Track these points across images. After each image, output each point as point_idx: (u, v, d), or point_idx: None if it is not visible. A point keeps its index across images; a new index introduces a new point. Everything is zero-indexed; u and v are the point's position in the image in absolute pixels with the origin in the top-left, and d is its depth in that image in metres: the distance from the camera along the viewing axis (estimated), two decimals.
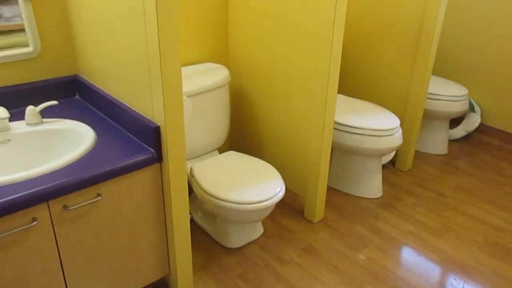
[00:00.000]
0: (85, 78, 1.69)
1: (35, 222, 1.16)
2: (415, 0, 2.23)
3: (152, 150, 1.35)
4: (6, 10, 1.55)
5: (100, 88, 1.60)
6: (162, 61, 1.20)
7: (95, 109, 1.64)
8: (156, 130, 1.31)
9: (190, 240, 1.53)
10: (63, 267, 1.28)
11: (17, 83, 1.60)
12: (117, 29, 1.35)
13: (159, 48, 1.19)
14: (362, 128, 2.06)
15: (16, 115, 1.54)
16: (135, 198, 1.37)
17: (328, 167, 1.98)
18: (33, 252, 1.19)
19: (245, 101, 2.25)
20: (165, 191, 1.41)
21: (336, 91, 1.84)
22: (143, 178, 1.36)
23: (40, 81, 1.65)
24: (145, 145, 1.37)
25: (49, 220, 1.19)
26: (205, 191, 1.72)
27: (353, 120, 2.10)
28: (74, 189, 1.20)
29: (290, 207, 2.16)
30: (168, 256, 1.55)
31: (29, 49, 1.59)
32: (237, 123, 2.35)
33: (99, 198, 1.27)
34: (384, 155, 2.17)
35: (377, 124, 2.06)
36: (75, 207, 1.22)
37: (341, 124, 2.11)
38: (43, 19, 1.59)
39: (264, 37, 2.00)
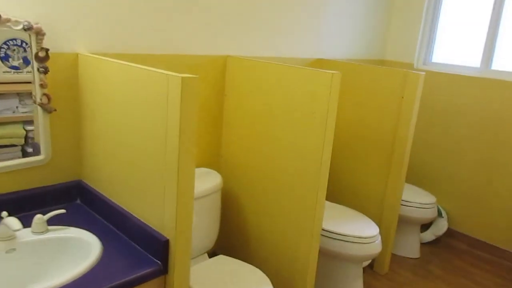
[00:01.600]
0: (88, 184, 1.77)
1: None
2: (388, 119, 2.52)
3: (159, 262, 1.40)
4: None
5: (105, 195, 1.67)
6: (180, 174, 1.31)
7: (97, 216, 1.69)
8: (166, 244, 1.38)
9: None
10: None
11: (22, 188, 1.66)
12: (132, 141, 1.47)
13: (178, 161, 1.30)
14: (344, 235, 2.19)
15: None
16: None
17: (315, 272, 2.06)
18: None
19: (235, 204, 2.36)
20: None
21: (324, 199, 1.99)
22: None
23: (44, 186, 1.71)
24: (151, 257, 1.43)
25: None
26: None
27: (335, 226, 2.23)
28: None
29: None
30: None
31: (41, 157, 1.67)
32: (226, 225, 2.43)
33: None
34: (364, 261, 2.28)
35: (358, 231, 2.20)
36: None
37: (324, 230, 2.23)
38: (57, 131, 1.70)
39: (256, 145, 2.18)
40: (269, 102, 2.08)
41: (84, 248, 1.46)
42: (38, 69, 1.58)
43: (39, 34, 1.55)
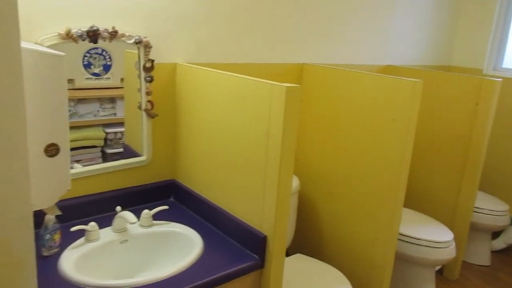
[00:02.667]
0: (183, 184, 1.92)
1: None
2: (461, 125, 2.53)
3: (256, 257, 1.52)
4: (81, 108, 1.81)
5: (200, 194, 1.81)
6: (281, 177, 1.42)
7: (192, 213, 1.84)
8: (264, 240, 1.50)
9: None
10: None
11: (126, 186, 1.83)
12: (231, 145, 1.60)
13: (280, 163, 1.41)
14: (420, 239, 2.22)
15: None
16: None
17: (390, 275, 2.12)
18: None
19: (311, 206, 2.45)
20: None
21: (402, 204, 2.04)
22: (246, 283, 1.52)
23: (144, 184, 1.88)
24: (248, 252, 1.55)
25: None
26: None
27: (411, 231, 2.27)
28: None
29: None
30: None
31: (143, 158, 1.84)
32: (301, 226, 2.52)
33: None
34: (438, 265, 2.31)
35: (434, 236, 2.23)
36: None
37: (400, 234, 2.27)
38: (157, 134, 1.86)
39: (333, 150, 2.26)
40: (345, 108, 2.16)
41: (186, 242, 1.61)
42: (145, 78, 1.75)
43: (147, 46, 1.72)
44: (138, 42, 1.69)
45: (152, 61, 1.74)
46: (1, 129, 0.88)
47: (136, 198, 1.85)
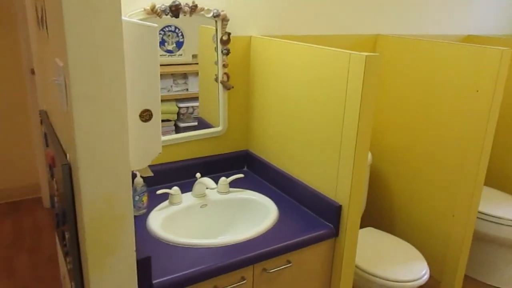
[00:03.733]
0: (256, 154, 1.98)
1: (244, 281, 1.38)
2: None
3: (331, 226, 1.54)
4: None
5: (273, 164, 1.86)
6: (357, 147, 1.42)
7: (265, 182, 1.90)
8: (338, 209, 1.52)
9: None
10: None
11: (203, 155, 1.93)
12: (306, 115, 1.62)
13: (357, 135, 1.41)
14: (501, 218, 2.12)
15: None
16: (313, 267, 1.55)
17: (468, 254, 2.05)
18: None
19: (383, 181, 2.42)
20: (336, 263, 1.59)
21: (483, 181, 1.95)
22: (320, 250, 1.55)
23: (220, 154, 1.96)
24: (323, 221, 1.58)
25: (251, 280, 1.41)
26: (356, 266, 1.87)
27: (491, 209, 2.17)
28: (272, 256, 1.42)
29: (424, 286, 2.22)
30: None
31: (219, 128, 1.92)
32: (372, 200, 2.50)
33: (290, 265, 1.47)
34: None
35: None
36: (272, 270, 1.43)
37: (480, 212, 2.18)
38: (232, 105, 1.93)
39: (408, 124, 2.20)
40: (422, 80, 2.08)
41: (262, 209, 1.67)
42: (222, 51, 1.81)
43: (224, 20, 1.76)
44: (216, 16, 1.74)
45: (229, 34, 1.79)
46: (106, 95, 0.97)
47: (212, 167, 1.93)
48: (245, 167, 2.04)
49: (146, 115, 1.11)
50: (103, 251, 1.07)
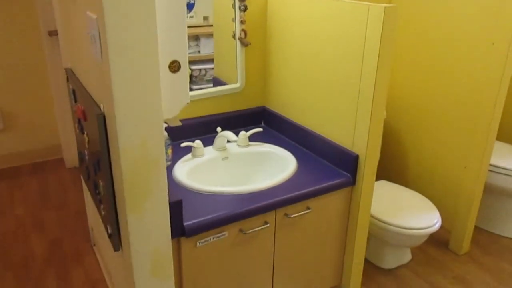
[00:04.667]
0: (273, 110, 2.03)
1: (267, 225, 1.47)
2: None
3: (348, 175, 1.61)
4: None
5: (290, 118, 1.92)
6: (374, 98, 1.47)
7: (283, 136, 1.96)
8: (356, 159, 1.58)
9: (364, 256, 1.76)
10: (274, 260, 1.57)
11: (224, 111, 1.98)
12: (326, 69, 1.66)
13: (374, 86, 1.46)
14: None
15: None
16: (330, 213, 1.64)
17: (478, 206, 2.12)
18: (260, 246, 1.50)
19: (396, 135, 2.47)
20: (353, 210, 1.67)
21: (496, 134, 1.99)
22: (338, 198, 1.63)
23: (238, 110, 2.02)
24: (340, 170, 1.65)
25: (274, 224, 1.50)
26: (371, 215, 1.95)
27: (503, 162, 2.22)
28: (293, 202, 1.50)
29: (434, 237, 2.31)
30: (343, 268, 1.79)
31: (237, 85, 1.97)
32: (385, 154, 2.56)
33: (309, 210, 1.55)
34: None
35: None
36: (293, 215, 1.51)
37: (492, 165, 2.23)
38: (249, 62, 1.96)
39: (421, 77, 2.23)
40: (436, 33, 2.09)
41: (281, 160, 1.74)
42: (239, 7, 1.83)
43: None
44: None
45: None
46: (139, 45, 1.02)
47: (231, 123, 2.00)
48: (262, 122, 2.10)
49: (174, 66, 1.17)
50: (139, 194, 1.16)
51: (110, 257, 1.78)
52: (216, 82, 1.95)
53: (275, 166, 1.75)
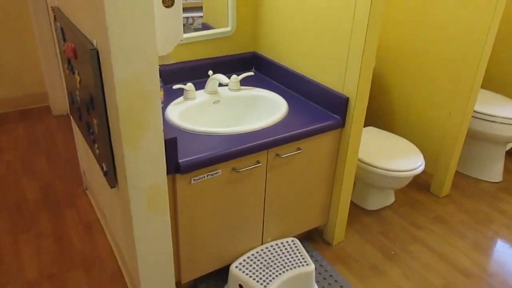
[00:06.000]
0: (263, 55, 2.02)
1: (259, 164, 1.51)
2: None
3: (338, 117, 1.65)
4: None
5: (281, 63, 1.92)
6: (366, 42, 1.48)
7: (273, 81, 1.97)
8: (346, 101, 1.61)
9: (350, 196, 1.84)
10: (265, 198, 1.63)
11: (215, 55, 1.97)
12: (319, 13, 1.65)
13: (366, 30, 1.46)
14: (495, 116, 2.24)
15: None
16: (320, 155, 1.69)
17: (460, 151, 2.20)
18: (252, 184, 1.55)
19: (384, 83, 2.50)
20: (341, 152, 1.72)
21: (481, 81, 2.04)
22: (328, 140, 1.67)
23: (228, 55, 2.01)
24: (330, 113, 1.68)
25: (265, 163, 1.54)
26: (358, 159, 2.01)
27: (486, 108, 2.28)
28: (284, 143, 1.54)
29: (416, 181, 2.41)
30: (330, 208, 1.87)
31: (228, 28, 1.95)
32: (372, 99, 2.60)
33: (300, 151, 1.60)
34: (510, 142, 2.34)
35: (510, 113, 2.23)
36: (284, 156, 1.56)
37: (475, 111, 2.29)
38: (240, 4, 1.93)
39: (410, 27, 2.23)
40: None
41: (272, 104, 1.76)
42: None
43: None
44: None
45: None
46: None
47: (221, 68, 1.99)
48: (253, 68, 2.10)
49: (168, 1, 1.15)
50: (135, 128, 1.17)
51: (104, 198, 1.82)
52: (206, 27, 1.93)
53: (266, 109, 1.78)
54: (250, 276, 1.54)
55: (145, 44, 1.09)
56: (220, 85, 1.84)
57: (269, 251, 1.66)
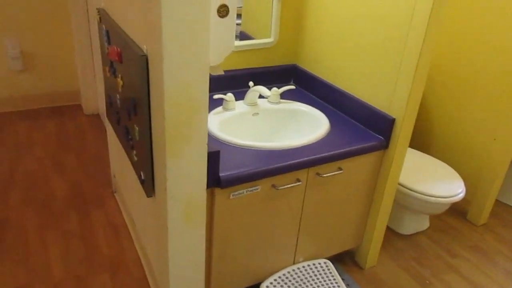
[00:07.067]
0: (305, 68, 1.98)
1: (299, 183, 1.46)
2: None
3: (382, 138, 1.59)
4: None
5: (323, 78, 1.87)
6: (420, 60, 1.41)
7: (312, 95, 1.92)
8: (391, 122, 1.55)
9: (387, 220, 1.77)
10: (302, 215, 1.57)
11: (255, 66, 1.94)
12: (369, 28, 1.60)
13: (421, 49, 1.40)
14: None
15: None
16: (360, 175, 1.62)
17: (503, 179, 2.10)
18: (290, 202, 1.50)
19: (424, 102, 2.42)
20: (382, 174, 1.65)
21: None
22: (370, 160, 1.61)
23: (268, 66, 1.97)
24: (373, 133, 1.62)
25: (305, 182, 1.49)
26: None
27: None
28: (326, 162, 1.48)
29: (452, 207, 2.31)
30: (364, 230, 1.80)
31: (270, 39, 1.91)
32: None
33: (341, 171, 1.54)
34: None
35: None
36: (325, 175, 1.50)
37: None
38: (284, 16, 1.89)
39: (456, 45, 2.16)
40: (481, 3, 2.00)
41: (313, 119, 1.71)
42: None
43: None
44: None
45: None
46: None
47: (260, 79, 1.95)
48: (292, 81, 2.05)
49: (223, 11, 1.12)
50: (180, 139, 1.14)
51: (135, 204, 1.80)
52: (244, 36, 1.89)
53: (306, 124, 1.72)
54: None
55: (198, 53, 1.05)
56: (260, 96, 1.80)
57: (300, 272, 1.61)
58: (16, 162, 2.43)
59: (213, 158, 1.25)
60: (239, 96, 1.78)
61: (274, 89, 1.77)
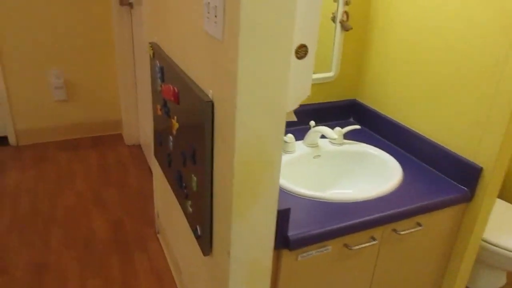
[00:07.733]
0: (365, 103, 1.81)
1: (374, 241, 1.28)
2: None
3: (466, 189, 1.39)
4: None
5: (390, 117, 1.69)
6: None
7: (377, 135, 1.74)
8: (478, 172, 1.35)
9: (467, 280, 1.55)
10: (374, 275, 1.38)
11: (312, 102, 1.79)
12: (447, 59, 1.42)
13: None
14: None
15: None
16: (439, 231, 1.42)
17: None
18: (362, 261, 1.32)
19: None
20: (464, 229, 1.44)
21: None
22: (451, 215, 1.41)
23: (327, 102, 1.81)
24: (455, 183, 1.42)
25: (380, 240, 1.31)
26: None
27: None
28: (403, 217, 1.29)
29: None
30: None
31: (331, 74, 1.76)
32: None
33: (420, 228, 1.35)
34: None
35: None
36: (402, 232, 1.31)
37: None
38: (346, 49, 1.75)
39: None
40: None
41: (382, 165, 1.53)
42: None
43: None
44: None
45: None
46: (273, 23, 0.84)
47: (319, 115, 1.80)
48: (351, 117, 1.89)
49: (302, 51, 0.98)
50: (248, 196, 0.99)
51: (183, 252, 1.65)
52: None
53: (374, 169, 1.55)
54: None
55: (274, 101, 0.91)
56: (322, 136, 1.64)
57: None
58: (57, 196, 2.34)
59: (283, 217, 1.09)
60: (298, 134, 1.63)
61: (337, 129, 1.61)
